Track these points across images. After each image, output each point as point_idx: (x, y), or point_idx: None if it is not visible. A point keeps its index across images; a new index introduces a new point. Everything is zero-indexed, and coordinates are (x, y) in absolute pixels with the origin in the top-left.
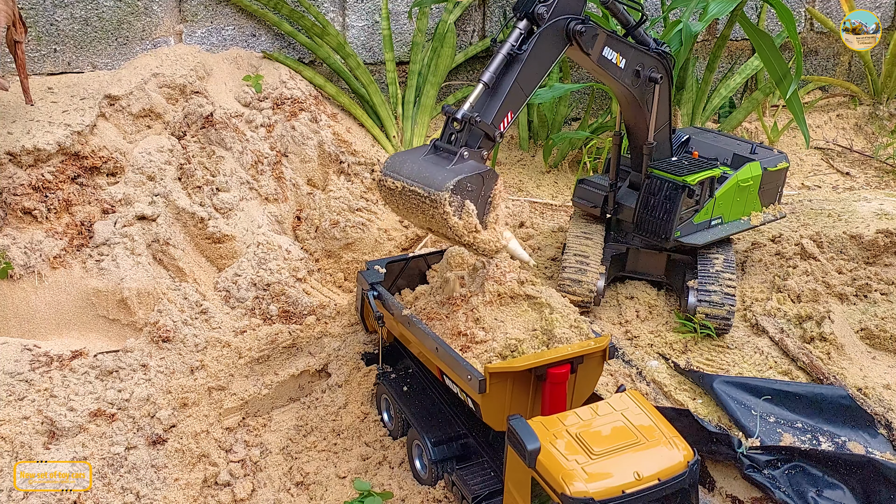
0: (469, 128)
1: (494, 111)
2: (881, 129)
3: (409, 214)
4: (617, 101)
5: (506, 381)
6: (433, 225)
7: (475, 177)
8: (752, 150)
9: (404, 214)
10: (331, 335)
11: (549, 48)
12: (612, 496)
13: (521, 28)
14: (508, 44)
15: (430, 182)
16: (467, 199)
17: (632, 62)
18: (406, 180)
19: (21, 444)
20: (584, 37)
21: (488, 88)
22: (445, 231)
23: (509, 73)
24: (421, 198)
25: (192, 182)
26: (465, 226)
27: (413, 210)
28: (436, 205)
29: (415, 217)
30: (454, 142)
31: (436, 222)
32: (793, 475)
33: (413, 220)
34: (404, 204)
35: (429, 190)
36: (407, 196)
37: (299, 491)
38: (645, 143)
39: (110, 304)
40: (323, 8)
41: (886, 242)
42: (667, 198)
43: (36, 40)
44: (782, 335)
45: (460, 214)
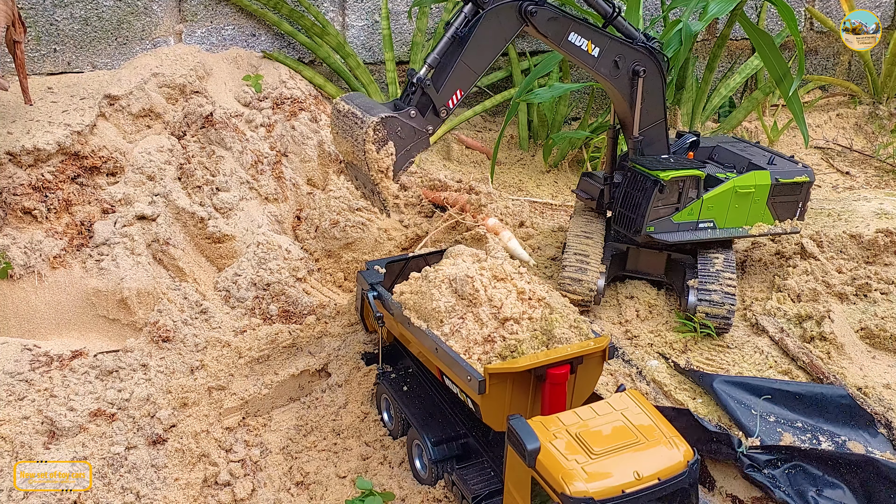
0: (421, 91)
1: (441, 86)
2: (881, 128)
3: (341, 138)
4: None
5: (505, 382)
6: (356, 150)
7: (409, 127)
8: (770, 160)
9: (339, 139)
10: (331, 335)
11: (497, 28)
12: (611, 496)
13: (466, 12)
14: (454, 27)
15: (370, 111)
16: (391, 141)
17: (608, 52)
18: (352, 105)
19: (21, 444)
20: (537, 18)
21: (432, 69)
22: (360, 159)
23: (454, 54)
24: (355, 119)
25: (192, 182)
26: (378, 161)
27: (345, 133)
28: (362, 126)
29: (344, 142)
30: (407, 101)
31: (355, 148)
32: (793, 474)
33: (343, 145)
34: (342, 126)
35: (364, 114)
36: (346, 117)
37: (299, 491)
38: (630, 137)
39: (110, 303)
40: (323, 8)
41: (886, 242)
42: (639, 191)
43: (36, 40)
44: (782, 335)
45: (379, 149)
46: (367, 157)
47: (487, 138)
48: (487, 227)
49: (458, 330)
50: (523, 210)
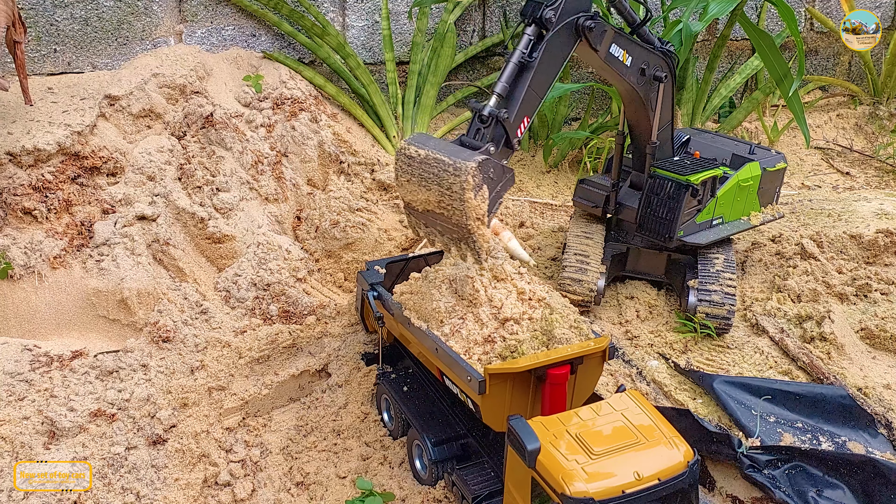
0: (495, 125)
1: (513, 116)
2: (881, 128)
3: (420, 187)
4: (620, 101)
5: (505, 382)
6: (445, 199)
7: (500, 166)
8: (750, 150)
9: (415, 187)
10: (331, 335)
11: (559, 49)
12: (612, 496)
13: (530, 34)
14: (518, 51)
15: (458, 155)
16: (485, 185)
17: (637, 60)
18: (431, 150)
19: (21, 444)
20: (594, 33)
21: (502, 99)
22: (455, 208)
23: (521, 80)
24: (443, 166)
25: (192, 182)
26: (477, 208)
27: (428, 181)
28: (459, 174)
29: (426, 190)
30: (480, 138)
31: (449, 196)
32: (793, 475)
33: (422, 194)
34: (421, 174)
35: (455, 159)
36: (428, 164)
37: (299, 491)
38: (648, 142)
39: (110, 304)
40: (323, 8)
41: (886, 242)
42: (670, 197)
43: (36, 40)
44: (782, 335)
45: (476, 195)
46: (467, 205)
47: None
48: None
49: (459, 330)
50: (523, 210)
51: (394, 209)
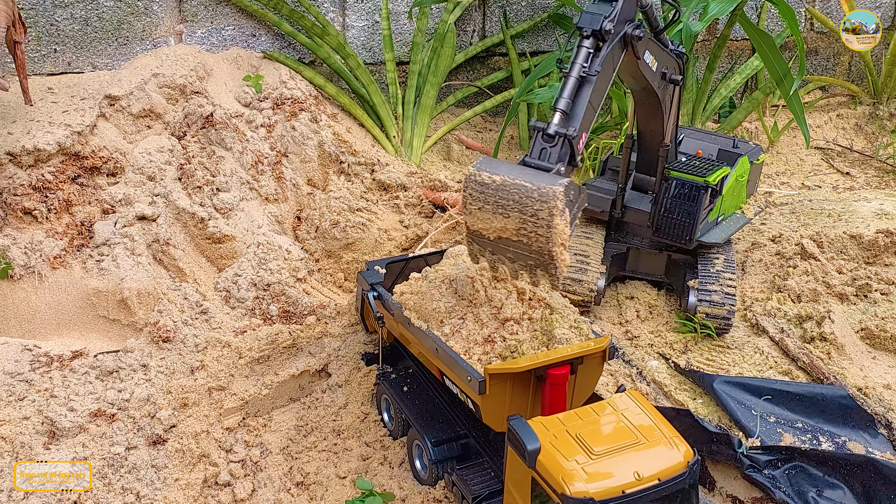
0: (562, 144)
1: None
2: (881, 128)
3: (497, 215)
4: (629, 105)
5: (505, 383)
6: (527, 226)
7: (577, 186)
8: (733, 144)
9: (489, 215)
10: (331, 335)
11: (612, 61)
12: (612, 496)
13: (588, 47)
14: (578, 66)
15: (538, 179)
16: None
17: (661, 64)
18: (506, 176)
19: (21, 444)
20: (641, 42)
21: (566, 115)
22: (540, 235)
23: (582, 95)
24: (526, 192)
25: (192, 182)
26: (561, 233)
27: (507, 208)
28: (546, 200)
29: (503, 218)
30: (546, 158)
31: (534, 223)
32: (793, 475)
33: (498, 222)
34: (497, 201)
35: (538, 184)
36: (506, 191)
37: (299, 491)
38: (660, 145)
39: (110, 304)
40: (323, 8)
41: (886, 242)
42: (688, 199)
43: (36, 40)
44: (782, 335)
45: (561, 219)
46: (554, 231)
47: (488, 139)
48: None
49: (459, 330)
50: None
51: (394, 209)
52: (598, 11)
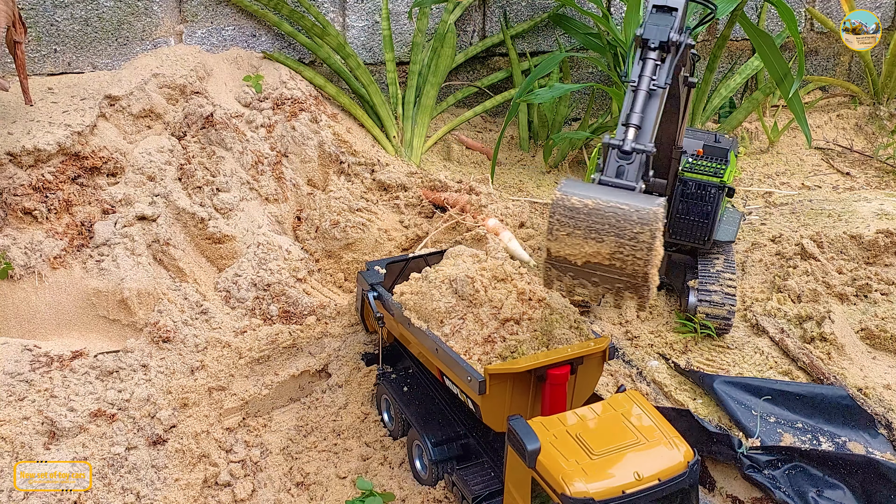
0: (640, 160)
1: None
2: (881, 129)
3: (589, 239)
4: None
5: (505, 383)
6: (624, 249)
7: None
8: (715, 139)
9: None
10: (331, 335)
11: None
12: (612, 496)
13: (655, 59)
14: (647, 78)
15: (633, 199)
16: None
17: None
18: (599, 198)
19: (21, 444)
20: (689, 50)
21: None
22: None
23: (651, 108)
24: (624, 215)
25: (192, 182)
26: (658, 254)
27: (601, 232)
28: (647, 222)
29: (596, 242)
30: (624, 175)
31: (633, 246)
32: (793, 475)
33: (590, 246)
34: (591, 225)
35: (637, 206)
36: (601, 215)
37: (300, 491)
38: (674, 147)
39: (110, 304)
40: (323, 8)
41: (886, 242)
42: (705, 199)
43: (36, 41)
44: (782, 335)
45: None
46: (653, 253)
47: (488, 139)
48: (488, 228)
49: (459, 330)
50: (524, 211)
51: (394, 209)
52: (662, 23)
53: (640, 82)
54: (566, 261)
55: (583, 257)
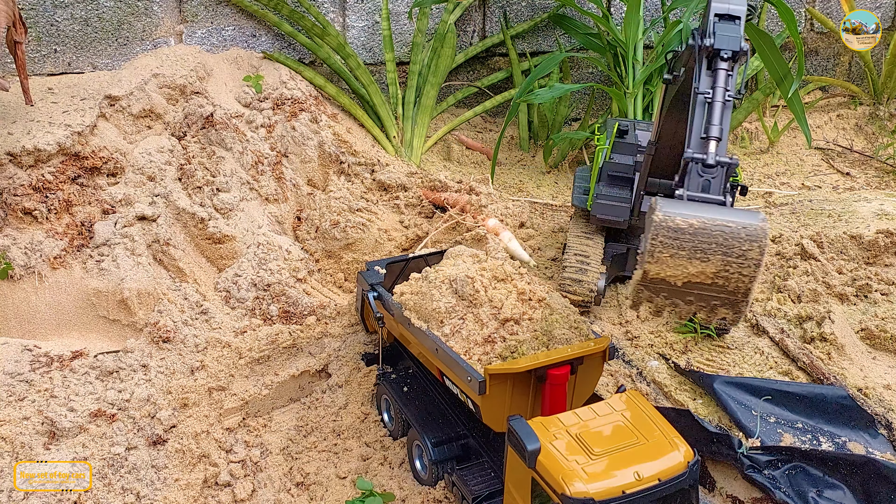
0: (724, 173)
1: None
2: (881, 129)
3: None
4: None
5: (505, 383)
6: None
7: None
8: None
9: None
10: (331, 335)
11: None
12: (612, 496)
13: (727, 69)
14: (723, 89)
15: (735, 216)
16: None
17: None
18: (704, 217)
19: (21, 444)
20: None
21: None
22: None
23: (725, 118)
24: (732, 233)
25: (192, 182)
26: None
27: (708, 251)
28: (756, 238)
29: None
30: (709, 189)
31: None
32: (793, 475)
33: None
34: (696, 245)
35: (743, 223)
36: (708, 234)
37: (300, 491)
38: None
39: (110, 304)
40: (323, 8)
41: (886, 242)
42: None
43: (36, 41)
44: (782, 335)
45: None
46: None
47: (488, 139)
48: (488, 228)
49: (459, 330)
50: (524, 211)
51: (394, 209)
52: (732, 32)
53: (716, 94)
54: (664, 282)
55: (684, 278)
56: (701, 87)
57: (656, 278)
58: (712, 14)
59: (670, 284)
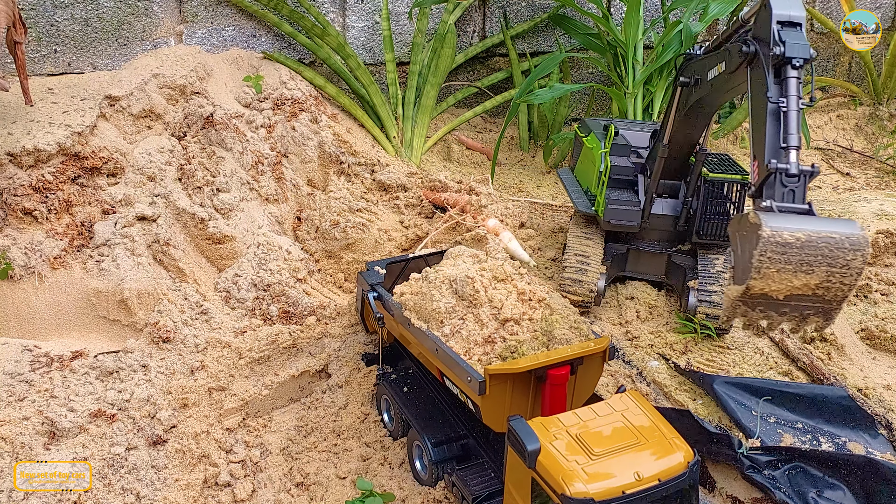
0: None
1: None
2: (881, 129)
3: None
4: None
5: (506, 383)
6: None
7: None
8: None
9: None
10: (331, 336)
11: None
12: (612, 497)
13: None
14: (795, 98)
15: (836, 226)
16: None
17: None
18: (809, 229)
19: (21, 444)
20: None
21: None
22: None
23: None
24: (837, 244)
25: (192, 183)
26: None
27: (813, 264)
28: (860, 248)
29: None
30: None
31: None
32: (793, 475)
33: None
34: (803, 258)
35: (845, 233)
36: (814, 246)
37: (299, 491)
38: (699, 149)
39: (110, 304)
40: (323, 8)
41: (886, 242)
42: (731, 198)
43: (36, 41)
44: (782, 335)
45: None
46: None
47: (488, 139)
48: (488, 228)
49: (459, 331)
50: (524, 211)
51: (394, 210)
52: (801, 40)
53: (790, 102)
54: (765, 296)
55: (787, 291)
56: (774, 96)
57: (758, 294)
58: (774, 21)
59: (771, 298)
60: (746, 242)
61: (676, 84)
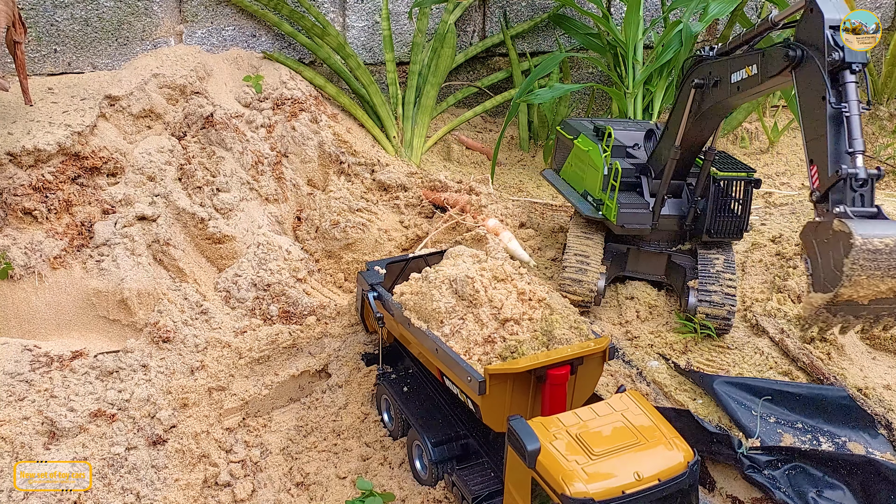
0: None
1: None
2: (881, 129)
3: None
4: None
5: (506, 383)
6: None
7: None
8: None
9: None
10: (331, 335)
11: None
12: (612, 496)
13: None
14: (856, 102)
15: None
16: None
17: None
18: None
19: (21, 444)
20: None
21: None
22: None
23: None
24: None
25: (192, 182)
26: None
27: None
28: None
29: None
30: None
31: None
32: (793, 475)
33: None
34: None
35: None
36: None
37: (299, 491)
38: (709, 149)
39: (110, 304)
40: (323, 8)
41: None
42: (742, 196)
43: (36, 41)
44: (782, 335)
45: None
46: None
47: (488, 139)
48: (488, 228)
49: (459, 331)
50: (524, 211)
51: (394, 209)
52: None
53: (851, 107)
54: (850, 303)
55: (872, 296)
56: (835, 101)
57: (844, 301)
58: (827, 27)
59: (855, 303)
60: (831, 250)
61: (687, 85)
